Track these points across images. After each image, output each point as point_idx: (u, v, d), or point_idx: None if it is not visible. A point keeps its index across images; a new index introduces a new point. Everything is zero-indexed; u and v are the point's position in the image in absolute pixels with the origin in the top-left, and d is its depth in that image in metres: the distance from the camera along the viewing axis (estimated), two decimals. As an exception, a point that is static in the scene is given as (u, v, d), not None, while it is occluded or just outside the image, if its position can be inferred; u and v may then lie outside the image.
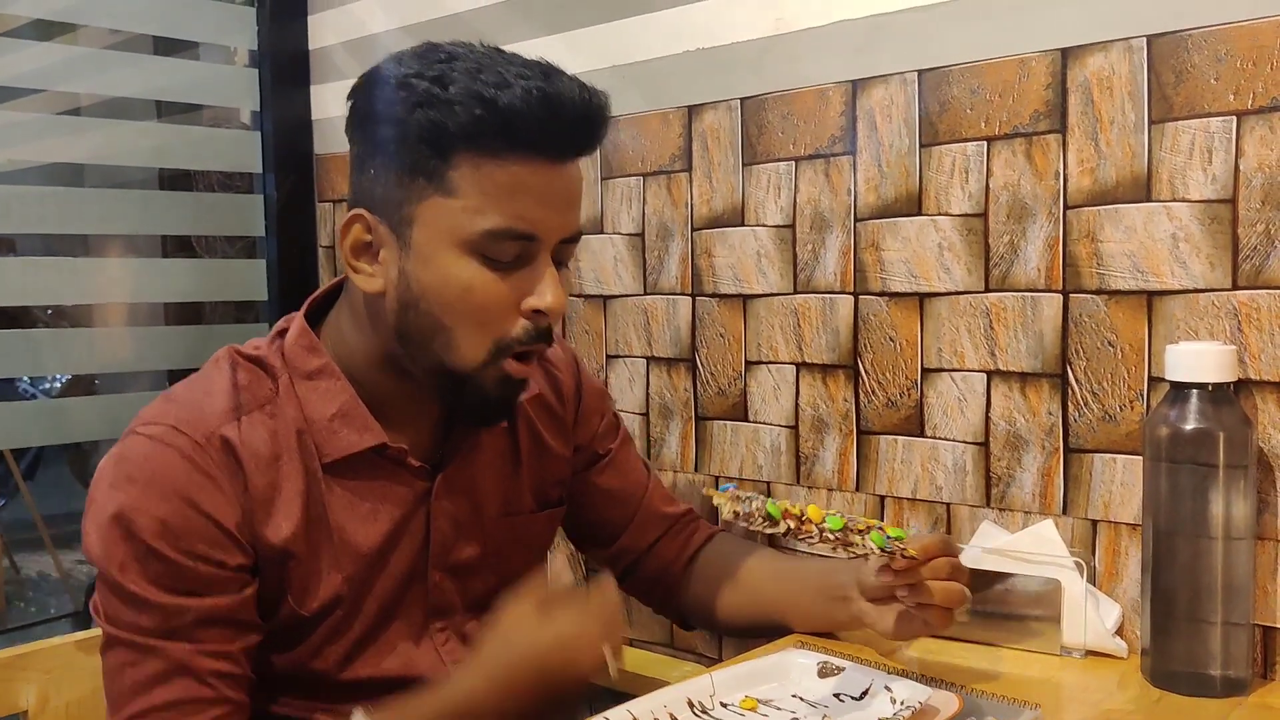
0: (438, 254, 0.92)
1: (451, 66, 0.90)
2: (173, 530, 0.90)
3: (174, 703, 0.91)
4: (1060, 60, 1.12)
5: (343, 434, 0.98)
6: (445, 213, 0.91)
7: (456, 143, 0.89)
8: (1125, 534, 1.11)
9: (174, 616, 0.91)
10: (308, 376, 0.99)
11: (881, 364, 1.27)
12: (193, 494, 0.91)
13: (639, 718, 0.88)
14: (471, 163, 0.90)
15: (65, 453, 5.18)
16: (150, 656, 0.90)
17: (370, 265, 0.96)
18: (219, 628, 0.92)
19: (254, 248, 1.99)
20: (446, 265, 0.92)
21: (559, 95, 0.90)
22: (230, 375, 0.99)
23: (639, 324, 1.50)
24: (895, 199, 1.25)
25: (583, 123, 0.93)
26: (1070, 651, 1.07)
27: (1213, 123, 1.04)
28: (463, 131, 0.89)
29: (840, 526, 0.86)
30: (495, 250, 0.91)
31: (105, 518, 0.91)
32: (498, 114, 0.88)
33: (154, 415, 0.96)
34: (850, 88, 1.27)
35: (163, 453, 0.92)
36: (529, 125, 0.89)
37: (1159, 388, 1.07)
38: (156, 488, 0.91)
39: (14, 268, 1.81)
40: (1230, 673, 0.97)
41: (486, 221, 0.90)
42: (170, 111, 2.15)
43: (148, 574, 0.90)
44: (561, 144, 0.92)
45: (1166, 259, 1.07)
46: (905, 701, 0.90)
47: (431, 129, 0.89)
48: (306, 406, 0.98)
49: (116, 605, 0.91)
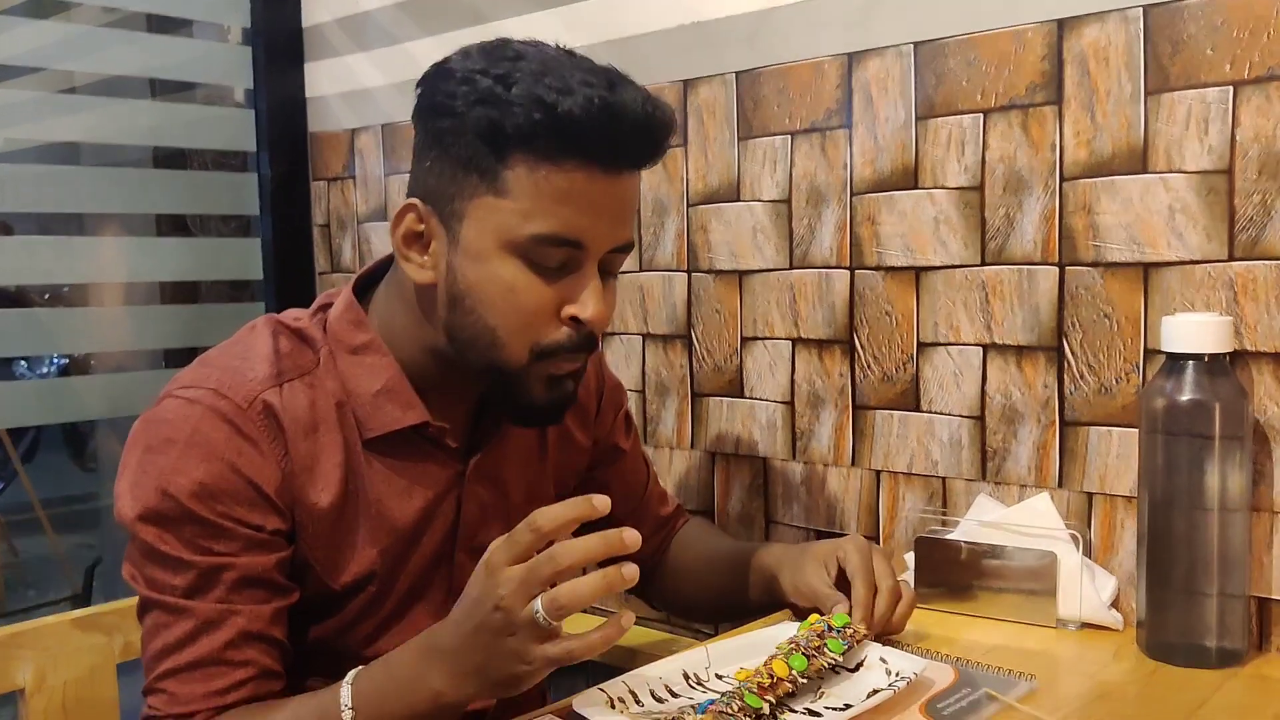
0: (485, 252, 0.91)
1: (517, 66, 0.89)
2: (211, 492, 0.90)
3: (202, 660, 0.91)
4: (1056, 31, 1.12)
5: (386, 410, 0.98)
6: (495, 212, 0.90)
7: (513, 144, 0.88)
8: (1121, 506, 1.11)
9: (209, 576, 0.91)
10: (352, 351, 0.99)
11: (877, 339, 1.27)
12: (233, 457, 0.92)
13: (635, 690, 0.88)
14: (527, 165, 0.89)
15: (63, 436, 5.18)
16: (183, 617, 0.91)
17: (420, 256, 0.95)
18: (253, 588, 0.93)
19: (248, 226, 1.98)
20: (493, 264, 0.91)
21: (621, 106, 0.89)
22: (271, 342, 0.99)
23: (635, 301, 1.49)
24: (891, 173, 1.24)
25: (643, 135, 0.91)
26: (1066, 624, 1.07)
27: (1209, 93, 1.03)
28: (519, 133, 0.88)
29: (804, 666, 0.87)
30: (541, 255, 0.91)
31: (141, 480, 0.91)
32: (556, 120, 0.87)
33: (192, 379, 0.95)
34: (846, 61, 1.27)
35: (203, 415, 0.92)
36: (587, 134, 0.88)
37: (1155, 360, 1.07)
38: (197, 450, 0.91)
39: (9, 247, 1.81)
40: (1226, 644, 0.98)
41: (534, 226, 0.89)
42: (164, 90, 2.14)
43: (183, 536, 0.90)
44: (619, 155, 0.91)
45: (1163, 231, 1.07)
46: (900, 673, 0.90)
47: (490, 127, 0.89)
48: (348, 380, 0.98)
49: (151, 568, 0.92)
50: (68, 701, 1.16)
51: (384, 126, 1.80)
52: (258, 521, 0.92)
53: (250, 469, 0.92)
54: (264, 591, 0.93)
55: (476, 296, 0.93)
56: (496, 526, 1.07)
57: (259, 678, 0.93)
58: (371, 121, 1.82)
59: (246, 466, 0.92)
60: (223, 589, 0.91)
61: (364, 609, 1.01)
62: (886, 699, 0.85)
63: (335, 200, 1.90)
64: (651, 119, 0.91)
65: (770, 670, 0.85)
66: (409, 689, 0.86)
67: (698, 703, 0.84)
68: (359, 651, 1.01)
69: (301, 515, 0.95)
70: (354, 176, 1.86)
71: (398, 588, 1.02)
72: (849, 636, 0.92)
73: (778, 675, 0.85)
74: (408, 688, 0.86)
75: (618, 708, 0.85)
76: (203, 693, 0.90)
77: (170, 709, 0.91)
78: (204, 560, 0.91)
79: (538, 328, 0.93)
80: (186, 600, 0.91)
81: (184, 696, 0.90)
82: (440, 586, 1.05)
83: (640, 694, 0.88)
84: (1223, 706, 0.90)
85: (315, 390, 0.97)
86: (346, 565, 0.98)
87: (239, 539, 0.92)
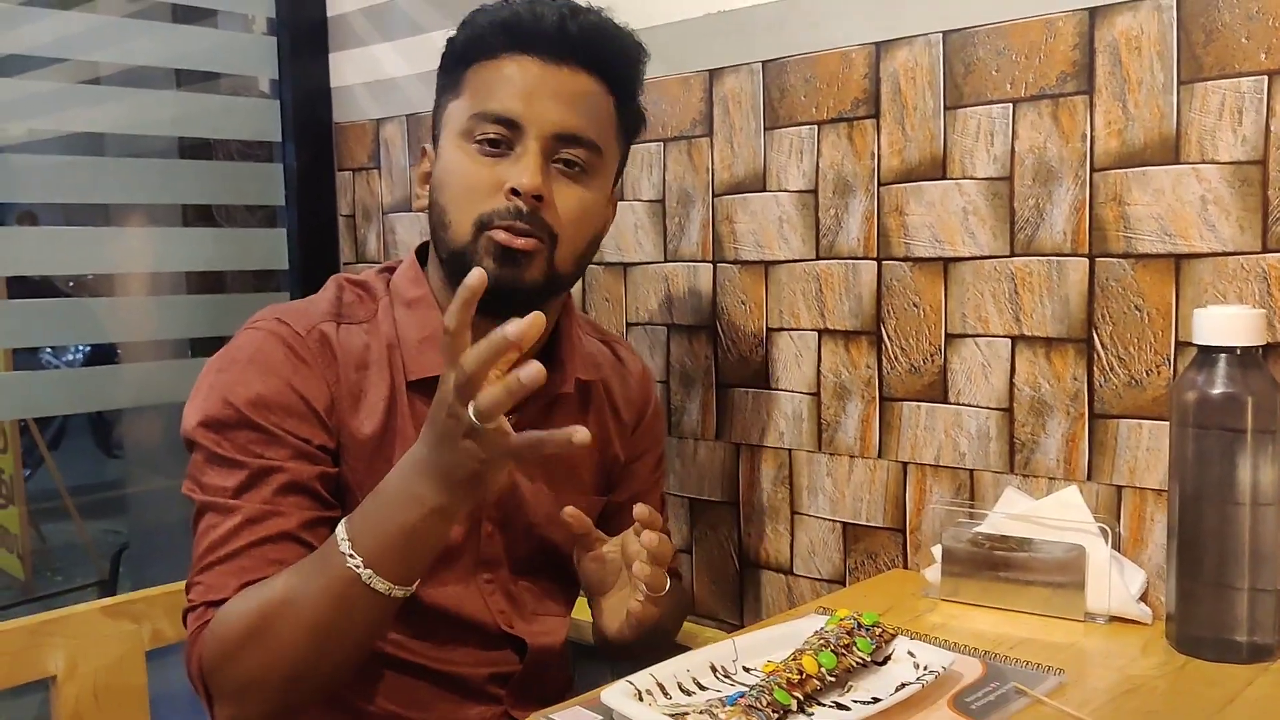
0: (446, 148, 1.06)
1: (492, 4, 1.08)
2: (267, 403, 1.00)
3: (239, 551, 0.97)
4: (1088, 20, 1.11)
5: (428, 356, 1.06)
6: (454, 112, 1.06)
7: (470, 53, 1.06)
8: (1151, 500, 1.10)
9: (259, 476, 0.99)
10: (408, 304, 1.09)
11: (905, 330, 1.26)
12: (289, 374, 1.02)
13: (663, 682, 0.88)
14: (476, 68, 1.05)
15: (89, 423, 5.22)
16: (230, 514, 0.98)
17: (422, 188, 1.11)
18: (298, 494, 1.00)
19: (274, 217, 1.99)
20: (449, 153, 1.05)
21: (548, 5, 1.05)
22: (336, 293, 1.11)
23: (659, 291, 1.49)
24: (919, 162, 1.23)
25: (569, 25, 1.04)
26: (1095, 617, 1.07)
27: (1243, 83, 1.02)
28: (479, 42, 1.05)
29: (833, 664, 0.87)
30: (481, 132, 1.03)
31: (208, 391, 1.02)
32: (499, 24, 1.05)
33: (263, 315, 1.07)
34: (874, 50, 1.26)
35: (266, 339, 1.03)
36: (520, 25, 1.04)
37: (1186, 352, 1.06)
38: (257, 366, 1.01)
39: (36, 238, 1.81)
40: (1256, 638, 0.97)
41: (474, 107, 1.04)
42: (189, 81, 2.14)
43: (238, 440, 0.99)
44: (549, 44, 1.04)
45: (1195, 222, 1.06)
46: (928, 666, 0.90)
47: (460, 46, 1.07)
48: (400, 328, 1.08)
49: (208, 472, 1.00)
50: (98, 688, 1.17)
51: (409, 117, 1.80)
52: (306, 434, 1.01)
53: (303, 386, 1.02)
54: (307, 499, 1.00)
55: (437, 186, 1.06)
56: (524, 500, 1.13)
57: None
58: (396, 112, 1.82)
59: (300, 384, 1.02)
60: (269, 490, 0.99)
61: None
62: (915, 693, 0.85)
63: (360, 190, 1.90)
64: (576, 13, 1.05)
65: (799, 666, 0.85)
66: (397, 504, 0.90)
67: (726, 696, 0.84)
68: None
69: (346, 438, 1.04)
70: (379, 167, 1.86)
71: None
72: (878, 636, 0.92)
73: (807, 672, 0.84)
74: (395, 503, 0.90)
75: (645, 700, 0.85)
76: (236, 584, 0.96)
77: (205, 597, 0.97)
78: (255, 462, 0.99)
79: (478, 201, 1.03)
80: (235, 499, 0.98)
81: (218, 585, 0.96)
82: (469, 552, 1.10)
83: (668, 686, 0.88)
84: (1253, 701, 0.90)
85: (370, 335, 1.08)
86: None
87: (288, 447, 1.00)
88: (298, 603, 0.91)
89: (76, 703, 1.16)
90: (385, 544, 0.90)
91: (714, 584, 1.47)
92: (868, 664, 0.91)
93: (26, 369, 4.26)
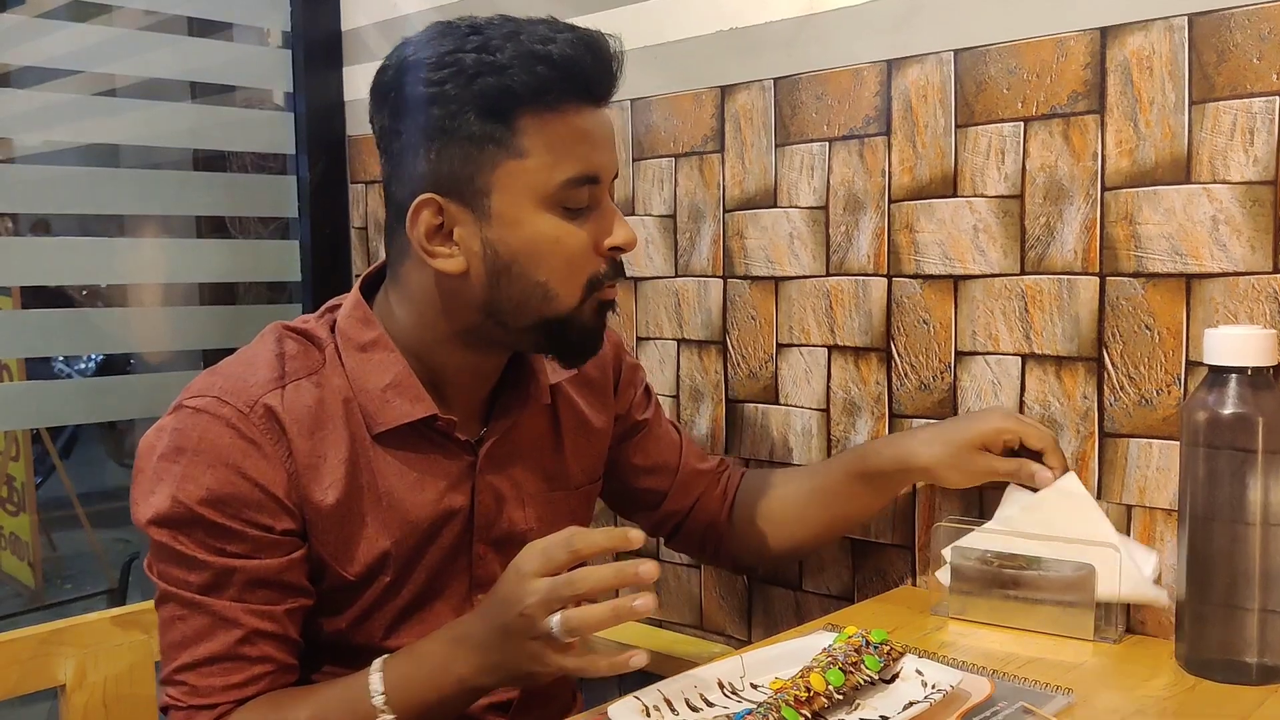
0: (521, 215, 0.96)
1: (486, 36, 0.95)
2: (220, 498, 0.93)
3: (217, 656, 0.94)
4: (1099, 39, 1.11)
5: (395, 404, 1.00)
6: (521, 173, 0.95)
7: (519, 103, 0.94)
8: (1161, 519, 1.10)
9: (222, 576, 0.94)
10: (361, 349, 1.02)
11: (914, 347, 1.26)
12: (239, 461, 0.94)
13: (670, 698, 0.88)
14: (535, 120, 0.94)
15: (100, 432, 5.24)
16: (198, 612, 0.94)
17: (447, 247, 0.98)
18: (266, 589, 0.95)
19: (287, 229, 2.00)
20: (532, 223, 0.96)
21: (595, 40, 0.97)
22: (276, 347, 1.02)
23: (670, 306, 1.49)
24: (930, 180, 1.24)
25: (615, 62, 0.98)
26: (1107, 637, 1.06)
27: (1255, 103, 1.02)
28: (526, 89, 0.93)
29: (840, 681, 0.87)
30: (572, 198, 0.97)
31: (155, 488, 0.95)
32: (555, 67, 0.93)
33: (199, 388, 0.99)
34: (885, 67, 1.26)
35: (208, 423, 0.95)
36: (582, 71, 0.95)
37: (1197, 372, 1.06)
38: (204, 457, 0.94)
39: (50, 248, 1.82)
40: (1266, 660, 0.96)
41: (561, 173, 0.95)
42: (204, 93, 2.16)
43: (196, 538, 0.94)
44: (605, 85, 0.98)
45: (1206, 241, 1.06)
46: (936, 685, 0.90)
47: (495, 95, 0.93)
48: (356, 377, 1.01)
49: (167, 564, 0.95)
50: (107, 698, 1.18)
51: (421, 130, 1.81)
52: (267, 522, 0.95)
53: (256, 472, 0.95)
54: (277, 592, 0.96)
55: (524, 260, 0.97)
56: (514, 516, 1.10)
57: (275, 672, 0.96)
58: (409, 125, 1.82)
59: (252, 470, 0.95)
60: (236, 589, 0.94)
61: (380, 599, 1.03)
62: (922, 711, 0.85)
63: (373, 203, 1.91)
64: (615, 47, 0.99)
65: (807, 684, 0.85)
66: (437, 675, 0.91)
67: (733, 713, 0.84)
68: (379, 644, 1.03)
69: (310, 513, 0.98)
70: (391, 179, 1.87)
71: (415, 579, 1.04)
72: (886, 653, 0.92)
73: (814, 689, 0.84)
74: (436, 674, 0.91)
75: (653, 715, 0.85)
76: (221, 685, 0.94)
77: (191, 700, 0.94)
78: (218, 561, 0.94)
79: (582, 267, 0.99)
80: (202, 596, 0.94)
81: (204, 689, 0.94)
82: (461, 579, 1.07)
83: (675, 702, 0.88)
84: (1264, 724, 0.89)
85: (322, 388, 1.00)
86: (356, 555, 1.00)
87: (250, 540, 0.94)
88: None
89: (85, 712, 1.16)
90: (419, 707, 0.91)
91: (722, 599, 1.47)
92: (875, 682, 0.91)
93: (39, 378, 4.28)
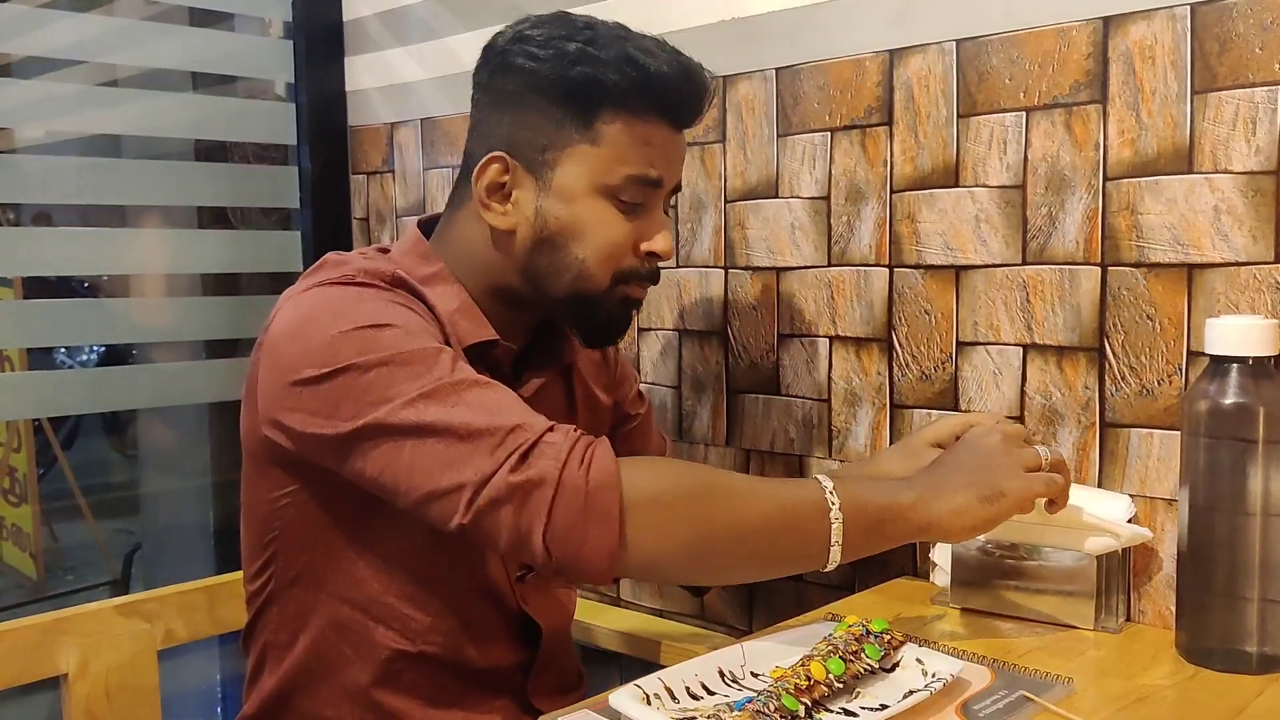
0: (577, 194, 1.04)
1: (596, 32, 1.03)
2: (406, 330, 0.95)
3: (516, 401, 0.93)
4: (1102, 29, 1.11)
5: (463, 325, 1.05)
6: (589, 159, 1.03)
7: (608, 98, 1.02)
8: (1161, 509, 1.10)
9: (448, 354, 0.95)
10: (422, 281, 1.06)
11: (916, 337, 1.26)
12: (406, 305, 1.00)
13: (671, 687, 0.88)
14: (620, 117, 1.03)
15: (103, 423, 5.24)
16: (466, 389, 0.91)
17: (502, 205, 1.06)
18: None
19: (289, 219, 2.00)
20: (584, 203, 1.04)
21: (694, 71, 1.06)
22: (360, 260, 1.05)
23: (672, 297, 1.49)
24: (932, 170, 1.23)
25: (706, 96, 1.07)
26: (1105, 617, 1.07)
27: (1257, 93, 1.02)
28: (616, 89, 1.02)
29: (841, 670, 0.87)
30: (629, 193, 1.04)
31: (317, 336, 0.94)
32: (648, 78, 1.02)
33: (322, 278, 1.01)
34: (887, 58, 1.26)
35: (361, 290, 0.99)
36: (671, 91, 1.04)
37: (1198, 362, 1.06)
38: (368, 301, 0.97)
39: (51, 238, 1.82)
40: (1266, 649, 0.97)
41: (627, 169, 1.03)
42: (206, 83, 2.16)
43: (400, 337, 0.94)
44: (689, 113, 1.07)
45: (1208, 231, 1.06)
46: (936, 674, 0.90)
47: (587, 84, 1.02)
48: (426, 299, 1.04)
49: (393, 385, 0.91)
50: (110, 687, 1.18)
51: (423, 121, 1.81)
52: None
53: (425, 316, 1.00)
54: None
55: (569, 233, 1.04)
56: None
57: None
58: (411, 116, 1.83)
59: (421, 314, 1.00)
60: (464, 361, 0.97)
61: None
62: (922, 700, 0.85)
63: (374, 194, 1.91)
64: (712, 84, 1.08)
65: (807, 672, 0.85)
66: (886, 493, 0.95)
67: (734, 701, 0.84)
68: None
69: None
70: (393, 170, 1.87)
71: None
72: (886, 642, 0.92)
73: (815, 678, 0.85)
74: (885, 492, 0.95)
75: (654, 704, 0.85)
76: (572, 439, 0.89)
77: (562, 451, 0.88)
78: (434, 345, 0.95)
79: (619, 258, 1.06)
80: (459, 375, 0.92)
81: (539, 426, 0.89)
82: None
83: (676, 690, 0.88)
84: (1263, 713, 0.89)
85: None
86: None
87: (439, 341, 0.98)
88: (761, 495, 0.93)
89: (88, 701, 1.16)
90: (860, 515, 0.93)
91: (723, 589, 1.47)
92: (876, 671, 0.91)
93: (41, 369, 4.28)
